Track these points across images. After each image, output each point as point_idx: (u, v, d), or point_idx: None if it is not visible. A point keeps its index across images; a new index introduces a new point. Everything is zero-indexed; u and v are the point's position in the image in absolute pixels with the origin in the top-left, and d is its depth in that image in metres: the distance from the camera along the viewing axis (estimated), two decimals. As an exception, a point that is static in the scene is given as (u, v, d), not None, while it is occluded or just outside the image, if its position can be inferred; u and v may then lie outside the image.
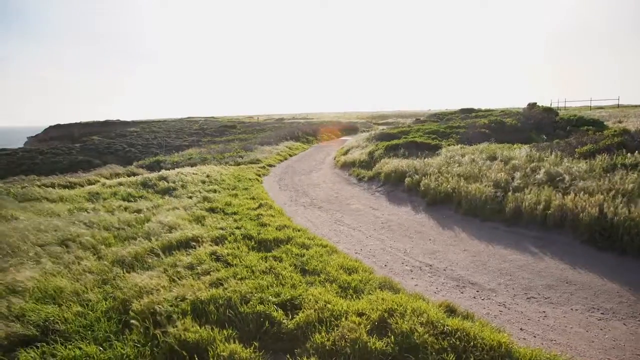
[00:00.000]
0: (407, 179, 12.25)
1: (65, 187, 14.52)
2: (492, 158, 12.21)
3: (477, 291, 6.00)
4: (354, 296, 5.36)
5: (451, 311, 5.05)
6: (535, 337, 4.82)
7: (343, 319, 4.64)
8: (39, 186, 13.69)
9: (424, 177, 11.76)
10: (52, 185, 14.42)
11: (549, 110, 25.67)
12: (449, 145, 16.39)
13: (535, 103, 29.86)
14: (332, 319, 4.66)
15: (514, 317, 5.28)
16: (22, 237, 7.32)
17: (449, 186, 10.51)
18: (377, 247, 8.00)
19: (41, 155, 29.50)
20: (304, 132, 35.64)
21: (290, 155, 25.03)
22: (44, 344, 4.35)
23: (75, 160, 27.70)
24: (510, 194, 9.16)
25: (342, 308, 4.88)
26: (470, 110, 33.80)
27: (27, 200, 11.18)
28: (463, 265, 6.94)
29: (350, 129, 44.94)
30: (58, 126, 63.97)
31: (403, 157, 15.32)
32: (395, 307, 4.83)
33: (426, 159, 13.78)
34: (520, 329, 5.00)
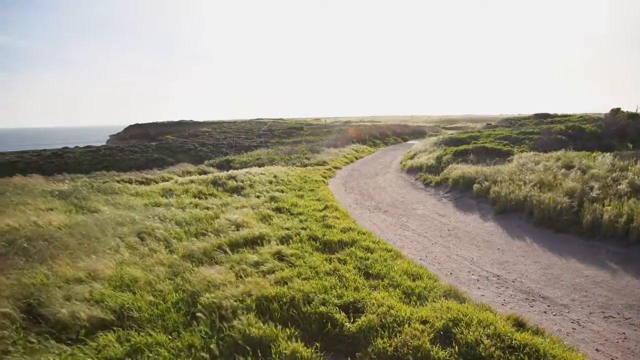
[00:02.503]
0: (476, 186, 11.89)
1: (141, 183, 15.34)
2: (569, 166, 11.55)
3: (549, 306, 5.70)
4: (418, 303, 5.28)
5: (520, 325, 4.83)
6: (614, 360, 4.52)
7: (406, 326, 4.59)
8: (118, 181, 14.57)
9: (493, 184, 11.37)
10: (130, 181, 15.29)
11: (634, 117, 23.98)
12: (521, 151, 15.72)
13: (619, 108, 27.95)
14: (395, 325, 4.62)
15: (589, 336, 4.95)
16: (103, 228, 7.84)
17: (520, 194, 10.07)
18: (443, 254, 7.82)
19: (121, 153, 31.26)
20: (371, 135, 35.49)
21: (357, 158, 25.01)
22: (120, 328, 4.67)
23: (151, 157, 29.12)
24: (587, 204, 8.64)
25: (405, 314, 4.82)
26: (545, 116, 32.14)
27: (108, 193, 11.93)
28: (534, 277, 6.62)
29: (417, 133, 44.27)
30: (136, 125, 67.56)
31: (472, 162, 14.88)
32: (461, 316, 4.71)
33: (496, 166, 13.30)
34: (597, 349, 4.68)
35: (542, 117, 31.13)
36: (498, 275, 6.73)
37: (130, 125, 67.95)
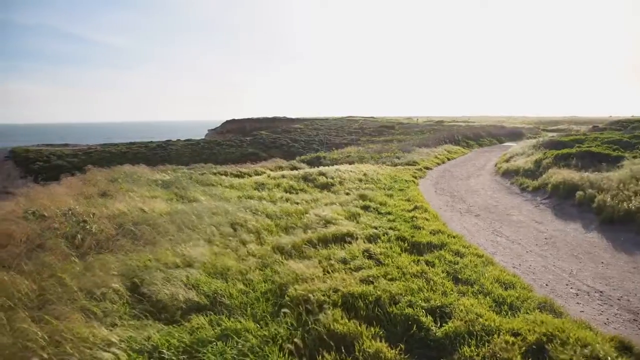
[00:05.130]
0: (579, 193, 11.07)
1: (236, 176, 16.04)
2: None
3: (664, 330, 5.17)
4: (509, 313, 5.04)
5: (625, 348, 4.38)
6: None
7: (495, 336, 4.42)
8: (214, 174, 15.36)
9: (598, 193, 10.53)
10: (225, 174, 16.05)
11: None
12: (634, 157, 14.39)
13: None
14: (483, 334, 4.46)
15: None
16: (199, 217, 8.33)
17: (632, 204, 9.24)
18: (538, 264, 7.39)
19: (218, 146, 32.93)
20: (464, 136, 34.36)
21: (448, 159, 24.37)
22: (212, 313, 4.94)
23: (245, 152, 30.38)
24: None
25: (494, 324, 4.64)
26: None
27: (205, 185, 12.64)
28: (644, 297, 6.05)
29: (514, 135, 42.11)
30: (233, 121, 70.52)
31: (575, 168, 13.86)
32: (556, 332, 4.42)
33: (603, 172, 12.31)
34: None
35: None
36: (601, 291, 6.22)
37: (227, 121, 71.08)
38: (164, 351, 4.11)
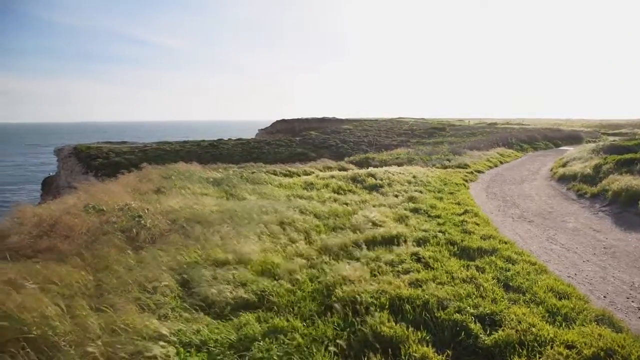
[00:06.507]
0: (644, 201, 10.50)
1: (285, 175, 16.22)
2: None
3: None
4: (563, 324, 4.81)
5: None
6: None
7: (548, 347, 4.25)
8: (264, 173, 15.58)
9: (665, 201, 9.94)
10: (275, 173, 16.25)
11: None
12: None
13: None
14: (536, 345, 4.30)
15: None
16: (249, 215, 8.46)
17: None
18: (596, 274, 7.03)
19: (267, 146, 33.40)
20: (518, 139, 33.31)
21: (501, 163, 23.72)
22: (260, 310, 5.03)
23: (294, 152, 30.67)
24: None
25: (548, 334, 4.45)
26: None
27: (254, 183, 12.85)
28: None
29: (571, 138, 40.39)
30: (283, 121, 71.25)
31: (639, 174, 13.17)
32: (616, 347, 4.18)
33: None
34: None
35: None
36: (667, 308, 5.86)
37: (277, 121, 71.93)
38: (212, 346, 4.22)
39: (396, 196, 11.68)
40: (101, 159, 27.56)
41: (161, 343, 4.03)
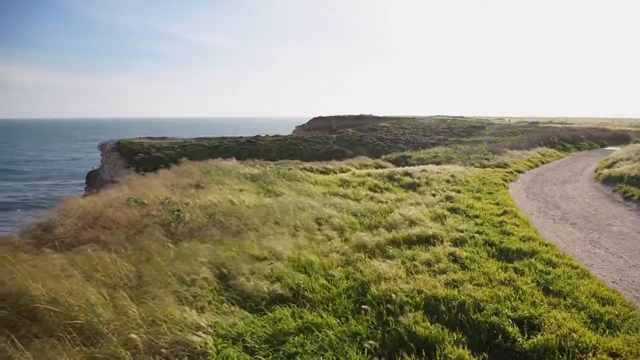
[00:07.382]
0: (697, 205, 10.03)
1: (321, 172, 16.29)
2: None
3: None
4: (607, 331, 4.64)
5: None
6: None
7: (590, 354, 4.10)
8: (300, 169, 15.71)
9: None
10: (311, 170, 16.34)
11: None
12: None
13: None
14: (576, 351, 4.16)
15: None
16: (285, 211, 8.56)
17: None
18: (644, 281, 6.77)
19: (304, 143, 33.54)
20: (561, 139, 32.25)
21: (542, 163, 23.03)
22: (295, 305, 5.09)
23: (331, 149, 30.71)
24: None
25: (590, 341, 4.29)
26: None
27: (291, 180, 12.96)
28: None
29: (618, 138, 38.78)
30: (320, 118, 71.46)
31: (692, 176, 12.57)
32: (666, 359, 4.03)
33: None
34: None
35: None
36: None
37: (314, 118, 72.14)
38: (247, 338, 4.29)
39: (433, 195, 11.54)
40: (142, 153, 28.34)
41: (199, 334, 4.14)
